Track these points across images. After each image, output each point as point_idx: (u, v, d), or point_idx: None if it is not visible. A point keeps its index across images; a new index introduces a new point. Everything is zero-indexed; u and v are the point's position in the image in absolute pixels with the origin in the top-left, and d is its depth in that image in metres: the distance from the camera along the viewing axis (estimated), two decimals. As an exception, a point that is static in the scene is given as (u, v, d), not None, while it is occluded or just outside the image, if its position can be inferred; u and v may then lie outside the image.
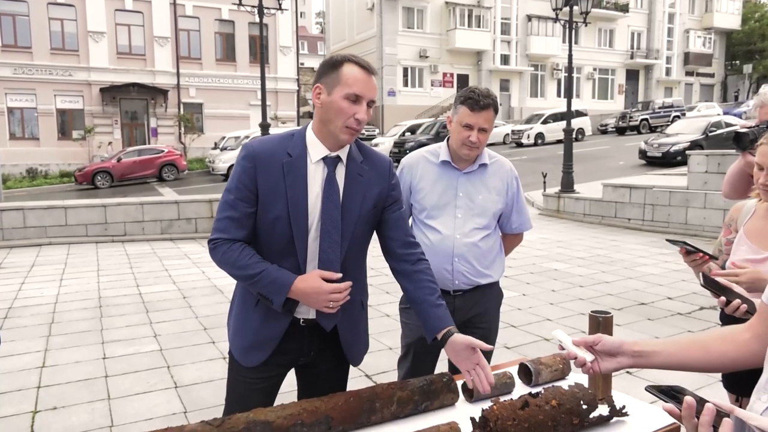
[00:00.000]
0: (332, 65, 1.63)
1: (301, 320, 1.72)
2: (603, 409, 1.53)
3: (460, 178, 2.29)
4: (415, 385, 1.60)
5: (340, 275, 1.62)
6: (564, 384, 1.57)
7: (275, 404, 1.79)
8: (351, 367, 1.89)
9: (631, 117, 29.45)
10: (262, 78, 11.60)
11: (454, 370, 2.12)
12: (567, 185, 12.36)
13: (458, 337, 1.64)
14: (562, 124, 27.27)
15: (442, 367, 2.32)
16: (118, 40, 25.56)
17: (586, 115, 28.22)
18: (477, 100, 2.16)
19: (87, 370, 4.12)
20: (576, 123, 27.44)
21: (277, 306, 1.62)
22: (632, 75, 40.51)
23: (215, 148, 23.25)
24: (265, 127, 11.62)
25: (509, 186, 2.35)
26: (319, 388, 1.76)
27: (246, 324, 1.74)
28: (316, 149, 1.67)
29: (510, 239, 2.50)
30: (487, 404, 1.45)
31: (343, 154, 1.69)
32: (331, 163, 1.67)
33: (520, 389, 1.74)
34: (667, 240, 1.97)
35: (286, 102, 29.57)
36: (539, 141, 26.98)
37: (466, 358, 1.62)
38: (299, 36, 32.50)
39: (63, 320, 5.25)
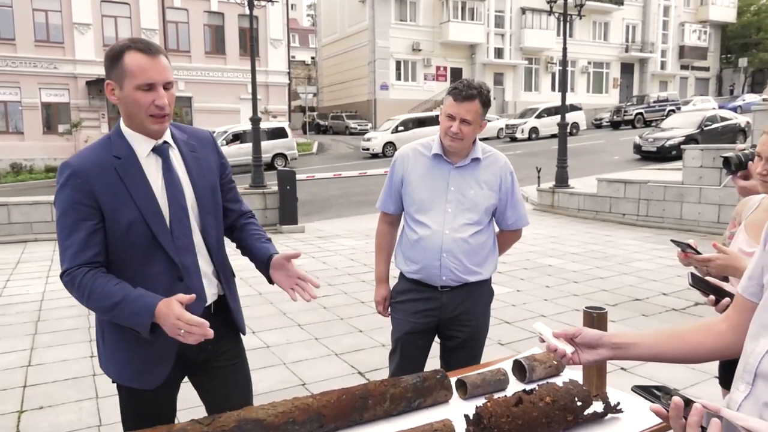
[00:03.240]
0: (114, 57, 1.55)
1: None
2: (597, 406, 1.52)
3: (452, 172, 2.26)
4: (408, 382, 1.58)
5: (193, 297, 1.50)
6: (558, 380, 1.56)
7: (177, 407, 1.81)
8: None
9: (625, 111, 29.51)
10: (253, 71, 11.51)
11: (447, 367, 2.11)
12: (561, 180, 12.37)
13: (276, 257, 1.74)
14: (557, 118, 27.29)
15: (433, 363, 2.30)
16: (104, 32, 25.26)
17: (580, 109, 28.26)
18: (461, 90, 2.13)
19: (74, 368, 4.08)
20: (570, 117, 27.47)
21: (145, 334, 1.50)
22: (627, 69, 40.59)
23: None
24: (255, 121, 11.53)
25: (503, 181, 2.31)
26: (224, 383, 1.78)
27: (134, 346, 1.61)
28: (140, 144, 1.62)
29: (506, 236, 2.45)
30: (480, 401, 1.43)
31: (167, 138, 1.67)
32: (162, 151, 1.64)
33: (514, 386, 1.73)
34: (672, 240, 1.94)
35: (277, 96, 29.42)
36: (533, 135, 27.01)
37: (286, 275, 1.72)
38: (290, 29, 32.32)
39: (50, 318, 5.20)
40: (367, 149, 23.46)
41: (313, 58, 45.82)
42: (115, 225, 1.56)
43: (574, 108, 27.43)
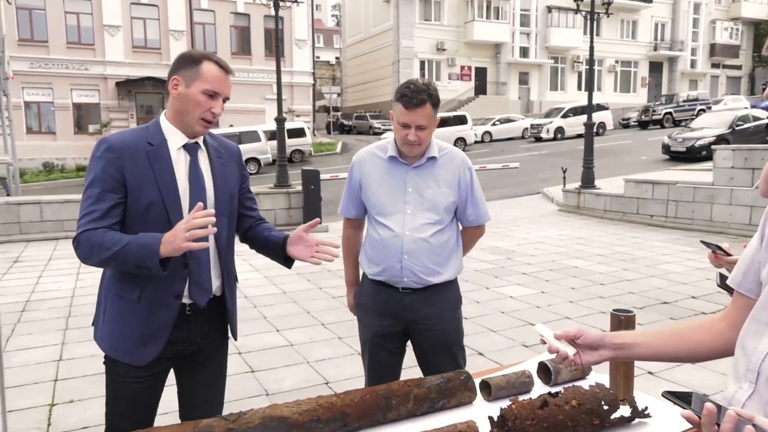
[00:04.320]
0: (192, 60, 1.73)
1: (187, 308, 1.77)
2: (624, 410, 1.50)
3: (409, 173, 2.22)
4: (432, 383, 1.58)
5: (200, 205, 1.59)
6: (584, 384, 1.54)
7: (160, 401, 1.85)
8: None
9: (654, 111, 28.97)
10: (278, 72, 11.59)
11: (426, 373, 2.13)
12: (587, 181, 12.21)
13: (293, 233, 1.88)
14: (583, 118, 26.93)
15: (409, 373, 2.28)
16: (133, 34, 25.78)
17: (607, 108, 27.86)
18: (411, 98, 2.06)
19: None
20: (597, 117, 27.05)
21: (156, 269, 1.57)
22: (656, 67, 39.87)
23: (231, 143, 23.50)
24: (280, 121, 11.62)
25: (462, 178, 2.26)
26: (197, 376, 1.87)
27: (131, 320, 1.72)
28: (174, 137, 1.75)
29: (469, 232, 2.40)
30: (505, 403, 1.42)
31: (199, 140, 1.81)
32: (191, 149, 1.78)
33: (538, 388, 1.71)
34: (702, 242, 1.89)
35: (302, 96, 29.61)
36: (559, 135, 26.71)
37: (304, 245, 1.85)
38: (315, 29, 32.52)
39: (79, 314, 5.32)
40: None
41: (337, 58, 46.03)
42: (136, 203, 1.68)
43: (600, 107, 27.04)
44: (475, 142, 27.83)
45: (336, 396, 1.48)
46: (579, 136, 26.49)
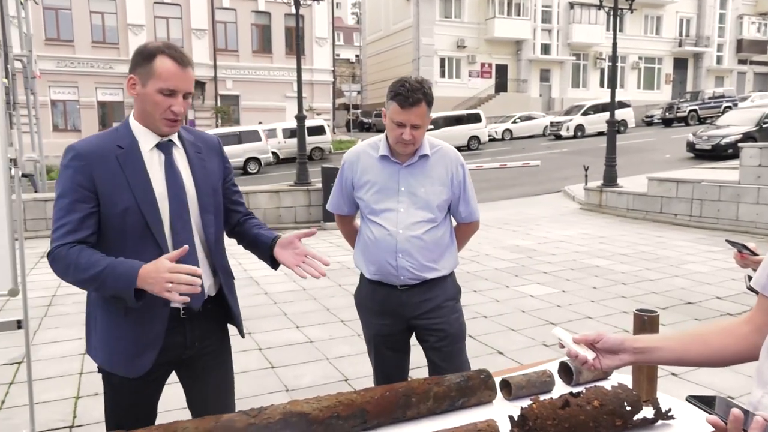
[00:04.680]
0: (145, 57, 1.60)
1: (182, 312, 1.69)
2: (647, 412, 1.47)
3: (402, 171, 2.20)
4: (452, 381, 1.57)
5: (186, 248, 1.51)
6: (606, 384, 1.52)
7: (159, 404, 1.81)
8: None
9: (678, 108, 28.48)
10: (298, 70, 11.64)
11: (432, 370, 2.12)
12: (610, 179, 12.05)
13: (284, 236, 1.79)
14: (604, 115, 26.63)
15: (418, 372, 2.29)
16: (156, 33, 26.11)
17: (629, 106, 27.46)
18: (406, 97, 2.04)
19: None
20: (618, 114, 26.61)
21: (131, 302, 1.50)
22: (680, 64, 39.17)
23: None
24: (301, 119, 11.67)
25: (454, 175, 2.24)
26: (206, 383, 1.79)
27: (121, 334, 1.64)
28: (145, 137, 1.66)
29: (462, 228, 2.39)
30: (525, 402, 1.41)
31: (173, 137, 1.72)
32: (165, 148, 1.69)
33: (560, 388, 1.69)
34: (728, 241, 1.86)
35: (322, 94, 29.72)
36: (579, 133, 26.40)
37: (293, 253, 1.75)
38: (335, 27, 32.60)
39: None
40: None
41: (357, 56, 46.08)
42: (110, 210, 1.59)
43: (622, 105, 26.65)
44: (496, 139, 27.67)
45: (356, 393, 1.48)
46: (600, 133, 26.15)
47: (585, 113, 26.83)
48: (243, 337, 1.91)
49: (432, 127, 23.37)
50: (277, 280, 6.40)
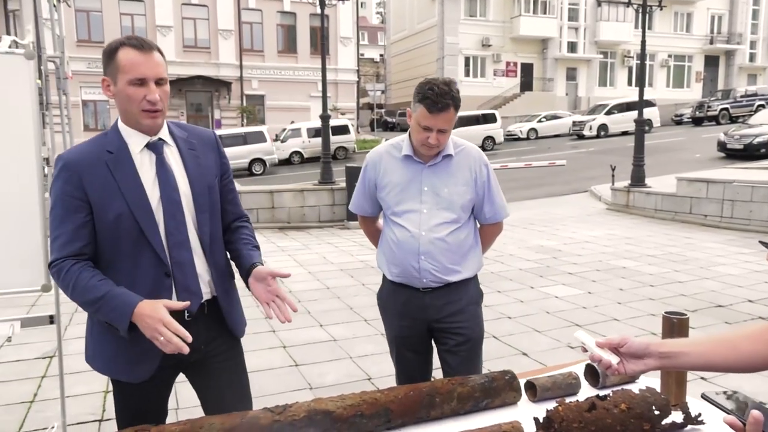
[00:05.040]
0: (108, 54, 1.58)
1: (186, 315, 1.65)
2: (677, 416, 1.45)
3: (425, 171, 2.16)
4: (477, 382, 1.56)
5: (187, 304, 1.52)
6: (634, 387, 1.49)
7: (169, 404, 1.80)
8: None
9: (709, 106, 27.83)
10: (323, 69, 11.71)
11: (447, 373, 2.07)
12: (637, 179, 11.84)
13: (260, 268, 1.67)
14: (628, 114, 26.24)
15: (438, 373, 2.27)
16: (184, 34, 26.55)
17: (654, 105, 26.91)
18: (435, 102, 2.01)
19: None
20: (643, 114, 26.16)
21: (123, 332, 1.50)
22: (711, 61, 38.29)
23: (276, 140, 23.91)
24: (325, 118, 11.73)
25: (478, 175, 2.20)
26: (218, 386, 1.76)
27: (119, 342, 1.59)
28: (134, 139, 1.63)
29: (487, 230, 2.33)
30: (551, 405, 1.39)
31: (164, 136, 1.67)
32: (156, 148, 1.64)
33: (586, 391, 1.67)
34: (761, 242, 1.81)
35: (346, 93, 29.82)
36: (602, 133, 25.96)
37: (264, 289, 1.65)
38: (359, 26, 32.67)
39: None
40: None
41: (381, 55, 46.12)
42: (103, 217, 1.57)
43: (647, 104, 26.13)
44: (521, 138, 27.42)
45: (379, 392, 1.48)
46: (624, 133, 25.74)
47: (609, 112, 26.39)
48: (240, 336, 1.83)
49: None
50: (301, 278, 6.44)
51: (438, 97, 2.01)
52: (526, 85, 34.30)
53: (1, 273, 2.38)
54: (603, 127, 26.07)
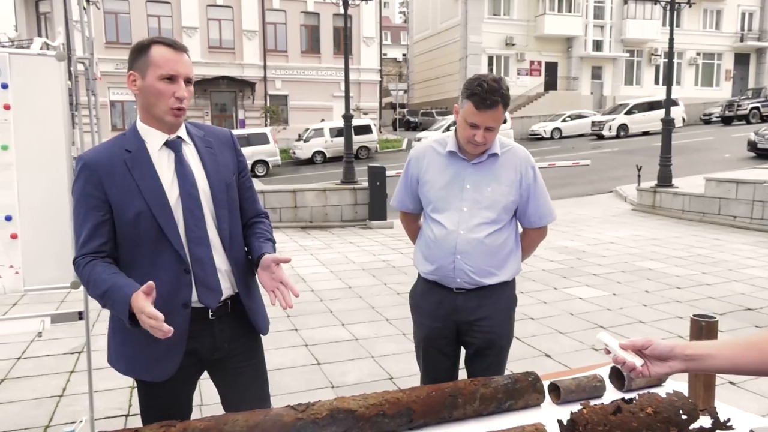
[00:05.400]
0: (140, 50, 1.60)
1: (210, 313, 1.67)
2: (705, 421, 1.42)
3: (468, 169, 2.12)
4: (500, 383, 1.56)
5: (152, 285, 1.45)
6: (660, 391, 1.47)
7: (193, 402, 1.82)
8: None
9: (739, 105, 27.21)
10: (346, 69, 11.74)
11: (469, 377, 2.04)
12: (664, 179, 11.64)
13: (265, 256, 1.67)
14: (649, 114, 25.76)
15: (461, 374, 2.24)
16: (209, 35, 26.85)
17: (677, 104, 26.33)
18: (483, 98, 1.95)
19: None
20: (663, 113, 25.59)
21: (128, 324, 1.51)
22: (742, 59, 37.41)
23: (299, 139, 24.07)
24: (348, 118, 11.77)
25: (524, 176, 2.13)
26: (238, 385, 1.77)
27: (140, 340, 1.58)
28: (153, 138, 1.64)
29: (530, 234, 2.27)
30: (575, 407, 1.38)
31: (182, 134, 1.69)
32: (175, 146, 1.66)
33: (611, 394, 1.65)
34: None
35: (369, 93, 29.86)
36: (622, 133, 25.43)
37: (270, 276, 1.65)
38: (382, 26, 32.68)
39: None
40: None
41: (404, 54, 46.09)
42: (123, 216, 1.59)
43: (672, 103, 25.60)
44: (545, 138, 27.15)
45: (402, 391, 1.48)
46: (645, 133, 25.26)
47: (629, 112, 25.88)
48: (264, 334, 1.84)
49: (455, 127, 22.73)
50: (323, 277, 6.48)
51: (487, 93, 1.96)
52: (551, 84, 33.95)
53: (32, 270, 2.44)
54: (623, 127, 25.59)
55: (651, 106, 25.86)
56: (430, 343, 2.23)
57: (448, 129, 22.53)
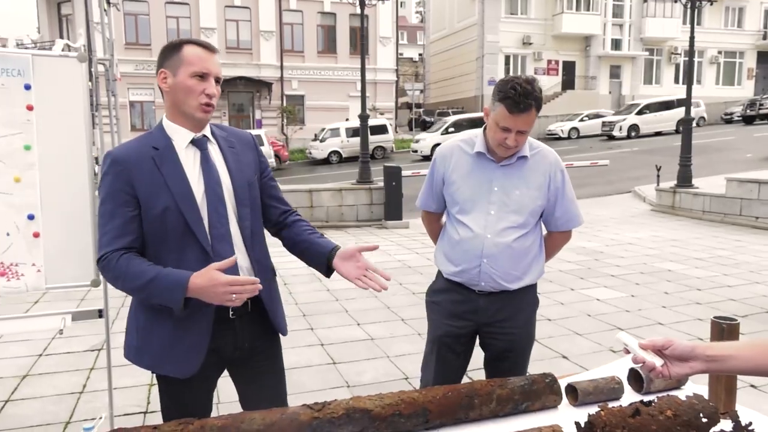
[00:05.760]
0: (172, 48, 1.65)
1: (231, 312, 1.68)
2: (725, 425, 1.39)
3: (496, 171, 2.08)
4: (516, 384, 1.54)
5: (233, 259, 1.55)
6: (680, 394, 1.45)
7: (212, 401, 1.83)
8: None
9: (761, 104, 26.71)
10: (362, 69, 11.76)
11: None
12: (684, 179, 11.49)
13: (346, 247, 1.74)
14: (661, 114, 25.35)
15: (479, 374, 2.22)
16: (227, 35, 27.07)
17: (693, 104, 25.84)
18: (517, 102, 1.90)
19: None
20: (678, 114, 25.09)
21: (177, 310, 1.56)
22: (765, 58, 36.73)
23: (315, 139, 24.16)
24: (364, 118, 11.78)
25: (552, 180, 2.10)
26: (257, 385, 1.80)
27: (170, 335, 1.64)
28: (179, 135, 1.67)
29: (555, 237, 2.23)
30: (592, 409, 1.36)
31: (207, 133, 1.72)
32: (200, 144, 1.69)
33: (629, 396, 1.63)
34: None
35: (385, 93, 29.88)
36: (633, 133, 25.01)
37: (354, 265, 1.71)
38: (399, 26, 32.66)
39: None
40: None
41: (420, 54, 46.02)
42: (150, 212, 1.61)
43: (682, 103, 25.15)
44: (562, 138, 26.92)
45: (418, 392, 1.48)
46: (657, 134, 24.86)
47: (640, 112, 25.45)
48: (284, 334, 1.86)
49: (453, 129, 22.12)
50: (339, 276, 6.46)
51: (520, 97, 1.91)
52: (568, 84, 33.66)
53: (54, 268, 2.48)
54: (634, 127, 25.13)
55: (663, 106, 25.49)
56: (446, 342, 2.20)
57: (446, 131, 22.30)
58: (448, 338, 2.20)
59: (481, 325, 2.16)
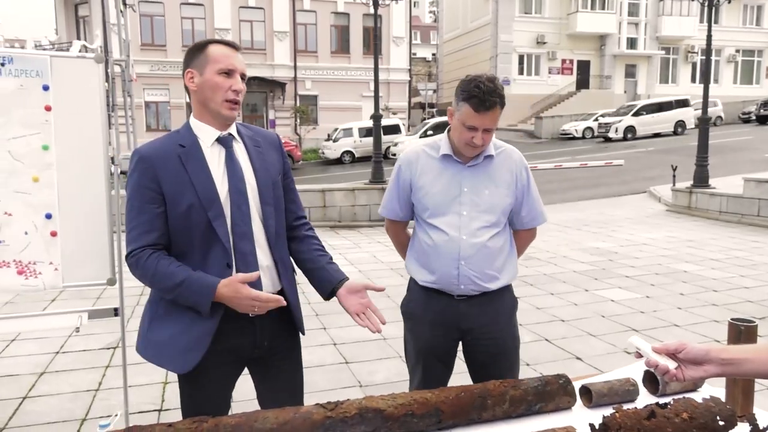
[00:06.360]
0: (198, 49, 1.69)
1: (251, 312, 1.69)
2: (743, 428, 1.38)
3: (464, 172, 2.08)
4: (529, 385, 1.54)
5: (256, 274, 1.63)
6: (696, 396, 1.43)
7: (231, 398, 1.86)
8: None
9: (775, 104, 26.33)
10: (375, 69, 11.76)
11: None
12: (700, 179, 11.35)
13: (353, 281, 1.79)
14: (658, 116, 24.96)
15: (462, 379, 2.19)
16: (241, 36, 27.17)
17: (688, 106, 25.33)
18: (483, 100, 1.91)
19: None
20: (676, 115, 24.78)
21: (205, 313, 1.62)
22: (783, 56, 36.22)
23: (328, 139, 24.20)
24: (377, 118, 11.78)
25: (518, 178, 2.12)
26: (276, 384, 1.82)
27: (175, 331, 1.68)
28: (205, 134, 1.70)
29: (522, 236, 2.23)
30: (607, 411, 1.35)
31: (233, 131, 1.75)
32: (226, 142, 1.72)
33: (644, 398, 1.62)
34: None
35: (398, 93, 29.86)
36: (629, 135, 24.58)
37: (357, 301, 1.75)
38: (412, 26, 32.62)
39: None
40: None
41: (434, 54, 45.93)
42: (175, 208, 1.64)
43: (681, 104, 24.72)
44: (576, 138, 26.72)
45: (430, 392, 1.48)
46: (656, 135, 24.48)
47: (636, 113, 24.99)
48: (303, 334, 1.88)
49: (432, 132, 21.62)
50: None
51: (485, 95, 1.92)
52: (583, 83, 33.41)
53: (70, 267, 2.51)
54: (630, 129, 24.68)
55: (660, 107, 25.16)
56: (431, 352, 2.16)
57: (425, 134, 21.97)
58: (432, 349, 2.16)
59: (464, 332, 2.14)
